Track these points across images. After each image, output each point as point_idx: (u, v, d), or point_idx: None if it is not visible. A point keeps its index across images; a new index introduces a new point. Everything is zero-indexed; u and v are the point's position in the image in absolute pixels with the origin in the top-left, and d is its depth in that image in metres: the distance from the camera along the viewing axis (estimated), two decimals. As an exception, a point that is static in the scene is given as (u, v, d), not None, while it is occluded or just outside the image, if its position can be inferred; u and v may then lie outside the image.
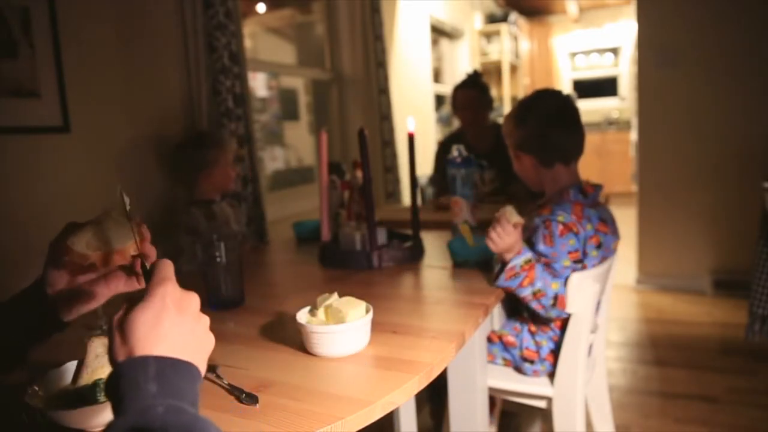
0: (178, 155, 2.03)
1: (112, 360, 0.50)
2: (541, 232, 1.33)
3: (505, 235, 1.23)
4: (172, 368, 0.49)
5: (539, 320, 1.44)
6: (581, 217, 1.34)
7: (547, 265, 1.31)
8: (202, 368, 0.54)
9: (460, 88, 2.79)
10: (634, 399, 2.27)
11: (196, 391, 0.51)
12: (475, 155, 2.54)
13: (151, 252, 0.76)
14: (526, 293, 1.27)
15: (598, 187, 1.45)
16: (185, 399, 0.48)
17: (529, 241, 1.36)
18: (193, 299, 0.57)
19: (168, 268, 0.57)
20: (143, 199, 2.04)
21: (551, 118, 1.44)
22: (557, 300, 1.28)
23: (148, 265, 0.75)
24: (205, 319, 0.57)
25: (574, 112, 1.46)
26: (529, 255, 1.27)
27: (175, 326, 0.52)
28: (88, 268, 0.77)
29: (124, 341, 0.50)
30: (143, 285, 0.76)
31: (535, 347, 1.45)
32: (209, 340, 0.57)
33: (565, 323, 1.38)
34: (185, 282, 0.59)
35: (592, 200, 1.41)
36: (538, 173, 1.48)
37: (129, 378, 0.47)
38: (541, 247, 1.33)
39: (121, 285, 0.78)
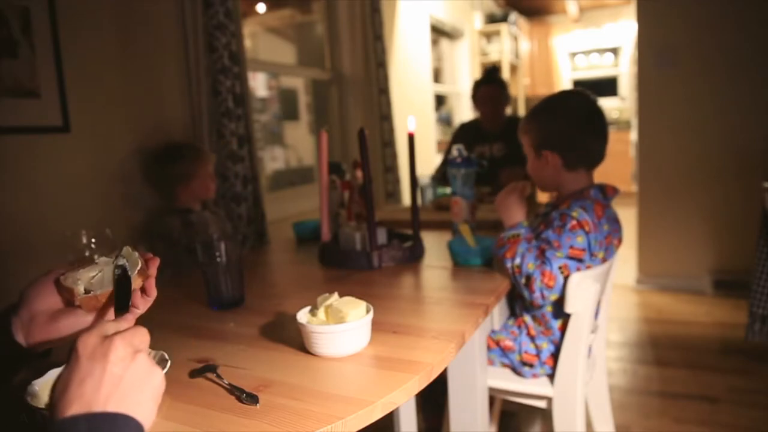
0: (156, 168, 2.01)
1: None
2: (555, 223, 1.34)
3: (511, 190, 1.38)
4: (104, 422, 0.46)
5: (539, 323, 1.44)
6: (601, 216, 1.34)
7: (541, 250, 1.31)
8: (143, 414, 0.50)
9: (482, 84, 2.99)
10: (634, 399, 2.27)
11: None
12: (487, 133, 2.92)
13: (151, 292, 0.75)
14: (509, 265, 1.31)
15: (616, 191, 1.44)
16: None
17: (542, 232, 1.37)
18: (114, 344, 0.52)
19: (87, 338, 0.54)
20: (144, 198, 2.04)
21: (582, 119, 1.41)
22: (529, 280, 1.28)
23: (142, 306, 0.74)
24: (140, 361, 0.53)
25: (604, 117, 1.43)
26: (518, 231, 1.33)
27: (89, 377, 0.49)
28: (73, 307, 0.73)
29: (53, 409, 0.48)
30: (133, 317, 0.75)
31: (534, 351, 1.45)
32: (149, 381, 0.53)
33: (565, 325, 1.38)
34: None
35: (609, 201, 1.41)
36: (558, 175, 1.44)
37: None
38: (549, 232, 1.33)
39: (110, 315, 0.75)
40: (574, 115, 1.41)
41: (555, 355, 1.43)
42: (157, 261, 0.77)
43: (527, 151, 1.49)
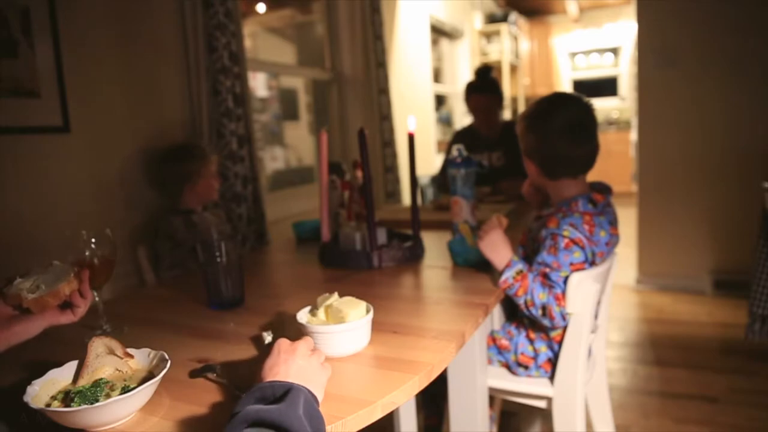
0: (162, 168, 2.00)
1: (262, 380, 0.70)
2: (547, 243, 1.32)
3: (489, 229, 1.33)
4: (291, 388, 0.66)
5: (539, 326, 1.43)
6: (593, 226, 1.32)
7: (544, 275, 1.30)
8: (317, 391, 0.70)
9: (472, 93, 2.81)
10: (634, 399, 2.27)
11: (308, 403, 0.65)
12: (484, 141, 2.80)
13: (87, 294, 0.89)
14: (521, 301, 1.30)
15: (607, 194, 1.41)
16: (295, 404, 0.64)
17: (536, 252, 1.36)
18: (298, 345, 0.76)
19: (283, 340, 0.77)
20: (144, 199, 2.04)
21: (562, 130, 1.36)
22: (545, 310, 1.28)
23: (82, 305, 0.88)
24: (315, 359, 0.75)
25: (589, 125, 1.38)
26: (519, 266, 1.29)
27: (284, 362, 0.72)
28: (23, 313, 0.83)
29: (260, 374, 0.72)
30: (78, 317, 0.89)
31: (531, 353, 1.45)
32: (320, 372, 0.74)
33: (564, 332, 1.38)
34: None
35: (602, 208, 1.38)
36: (541, 181, 1.45)
37: (259, 387, 0.67)
38: (544, 255, 1.32)
39: (57, 315, 0.86)
40: (555, 128, 1.36)
41: (552, 361, 1.43)
42: (88, 271, 0.91)
43: (520, 148, 1.48)
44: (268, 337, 0.95)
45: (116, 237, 1.09)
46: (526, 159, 1.46)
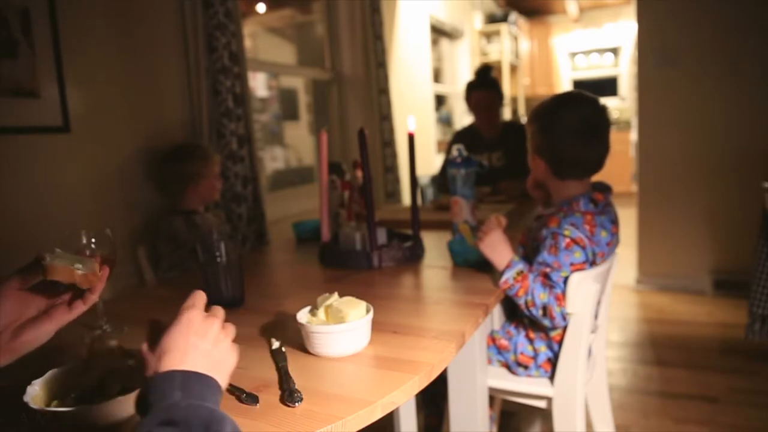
0: (164, 168, 2.00)
1: (144, 377, 0.59)
2: (548, 242, 1.32)
3: (488, 230, 1.33)
4: (195, 379, 0.58)
5: (538, 326, 1.44)
6: (594, 226, 1.32)
7: (545, 275, 1.30)
8: (222, 383, 0.63)
9: (474, 90, 2.84)
10: (634, 399, 2.27)
11: (216, 400, 0.59)
12: (484, 141, 2.82)
13: (103, 281, 0.81)
14: (521, 302, 1.30)
15: (608, 193, 1.41)
16: (205, 402, 0.57)
17: (536, 251, 1.36)
18: (212, 325, 0.66)
19: (196, 297, 0.68)
20: (144, 199, 2.04)
21: (577, 133, 1.35)
22: (546, 310, 1.28)
23: (97, 292, 0.79)
24: (225, 342, 0.67)
25: (603, 127, 1.38)
26: (520, 267, 1.29)
27: (193, 348, 0.62)
28: (61, 290, 0.77)
29: (155, 361, 0.60)
30: (88, 305, 0.79)
31: (531, 353, 1.45)
32: (228, 359, 0.66)
33: (564, 332, 1.38)
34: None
35: (602, 207, 1.38)
36: (547, 179, 1.44)
37: (157, 388, 0.56)
38: (545, 255, 1.32)
39: (66, 314, 0.78)
40: (569, 128, 1.35)
41: (551, 360, 1.43)
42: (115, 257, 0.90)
43: (529, 144, 1.47)
44: (275, 343, 0.94)
45: (116, 237, 1.09)
46: (535, 156, 1.44)
